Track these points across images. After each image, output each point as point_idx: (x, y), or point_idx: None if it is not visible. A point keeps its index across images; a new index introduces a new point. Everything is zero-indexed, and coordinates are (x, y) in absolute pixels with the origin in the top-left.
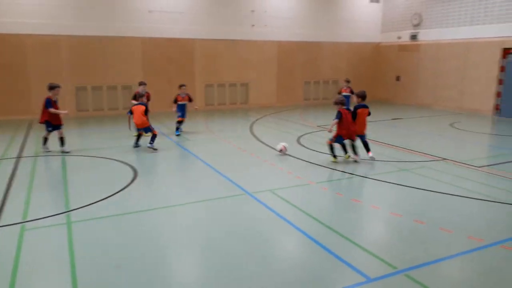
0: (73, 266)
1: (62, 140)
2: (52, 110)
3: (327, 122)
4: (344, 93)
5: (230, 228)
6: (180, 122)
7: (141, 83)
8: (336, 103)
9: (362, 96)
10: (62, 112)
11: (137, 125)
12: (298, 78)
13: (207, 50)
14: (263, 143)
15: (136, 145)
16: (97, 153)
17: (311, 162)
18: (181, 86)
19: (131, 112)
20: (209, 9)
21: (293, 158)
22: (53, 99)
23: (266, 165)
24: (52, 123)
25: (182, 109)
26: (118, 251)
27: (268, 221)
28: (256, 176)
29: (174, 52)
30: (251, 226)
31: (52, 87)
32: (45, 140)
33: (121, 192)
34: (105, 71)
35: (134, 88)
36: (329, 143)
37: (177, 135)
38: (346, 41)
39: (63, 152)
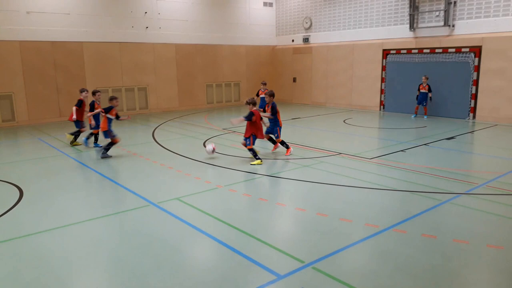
0: None
1: None
2: None
3: (231, 125)
4: (261, 95)
5: (135, 242)
6: (95, 134)
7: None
8: (248, 103)
9: (273, 95)
10: None
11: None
12: (200, 81)
13: (97, 54)
14: (167, 149)
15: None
16: None
17: (220, 166)
18: (95, 92)
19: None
20: (98, 10)
21: (200, 162)
22: None
23: (172, 172)
24: None
25: (98, 119)
26: (7, 282)
27: (176, 230)
28: (162, 185)
29: (60, 57)
30: (159, 238)
31: None
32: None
33: (3, 216)
34: None
35: (14, 97)
36: (250, 147)
37: (97, 147)
38: (244, 44)
39: None
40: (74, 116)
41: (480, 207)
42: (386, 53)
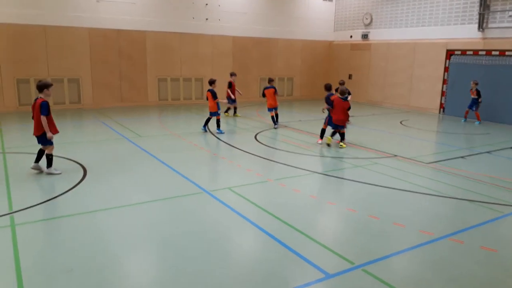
0: (18, 272)
1: None
2: None
3: (284, 119)
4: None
5: (187, 227)
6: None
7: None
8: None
9: (328, 88)
10: None
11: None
12: (254, 74)
13: (159, 43)
14: (221, 140)
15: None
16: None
17: (270, 160)
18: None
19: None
20: (162, 0)
21: (251, 155)
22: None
23: (225, 162)
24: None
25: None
26: (69, 255)
27: (227, 219)
28: (215, 174)
29: (124, 45)
30: (210, 225)
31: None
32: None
33: (69, 191)
34: (48, 63)
35: (81, 81)
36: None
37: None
38: (301, 38)
39: None
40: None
41: None
42: (450, 53)
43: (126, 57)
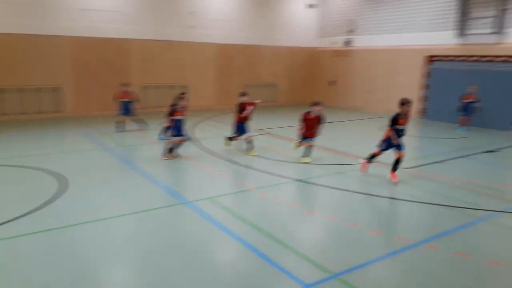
0: None
1: None
2: None
3: (266, 126)
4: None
5: (166, 239)
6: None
7: None
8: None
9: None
10: None
11: None
12: (237, 81)
13: (143, 51)
14: (202, 148)
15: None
16: (20, 162)
17: (252, 168)
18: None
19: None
20: (145, 8)
21: (234, 163)
22: None
23: (206, 171)
24: None
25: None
26: (43, 272)
27: (206, 230)
28: (195, 184)
29: (107, 53)
30: (189, 237)
31: None
32: None
33: (45, 206)
34: (29, 72)
35: (63, 89)
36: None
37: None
38: (284, 45)
39: None
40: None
41: None
42: (430, 59)
43: (109, 65)
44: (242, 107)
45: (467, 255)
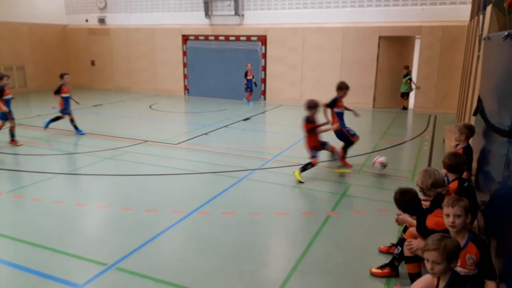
0: None
1: None
2: None
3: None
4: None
5: None
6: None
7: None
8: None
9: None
10: None
11: None
12: None
13: None
14: None
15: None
16: None
17: (4, 169)
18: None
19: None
20: None
21: None
22: None
23: None
24: None
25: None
26: None
27: None
28: None
29: None
30: None
31: None
32: None
33: None
34: None
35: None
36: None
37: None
38: (26, 21)
39: None
40: None
41: (269, 179)
42: (185, 38)
43: None
44: None
45: (232, 213)
